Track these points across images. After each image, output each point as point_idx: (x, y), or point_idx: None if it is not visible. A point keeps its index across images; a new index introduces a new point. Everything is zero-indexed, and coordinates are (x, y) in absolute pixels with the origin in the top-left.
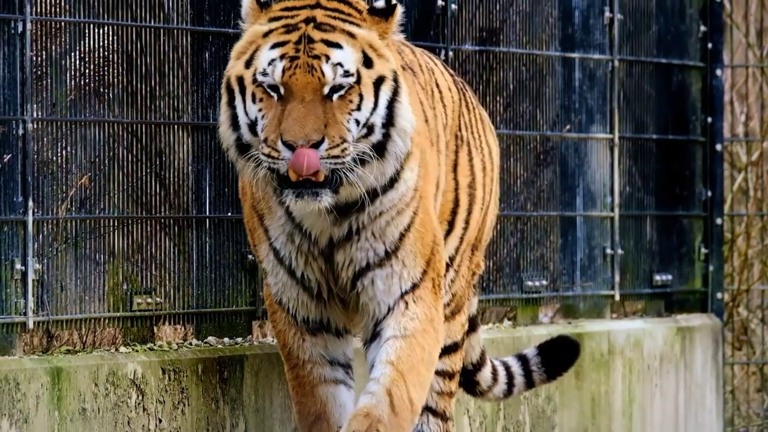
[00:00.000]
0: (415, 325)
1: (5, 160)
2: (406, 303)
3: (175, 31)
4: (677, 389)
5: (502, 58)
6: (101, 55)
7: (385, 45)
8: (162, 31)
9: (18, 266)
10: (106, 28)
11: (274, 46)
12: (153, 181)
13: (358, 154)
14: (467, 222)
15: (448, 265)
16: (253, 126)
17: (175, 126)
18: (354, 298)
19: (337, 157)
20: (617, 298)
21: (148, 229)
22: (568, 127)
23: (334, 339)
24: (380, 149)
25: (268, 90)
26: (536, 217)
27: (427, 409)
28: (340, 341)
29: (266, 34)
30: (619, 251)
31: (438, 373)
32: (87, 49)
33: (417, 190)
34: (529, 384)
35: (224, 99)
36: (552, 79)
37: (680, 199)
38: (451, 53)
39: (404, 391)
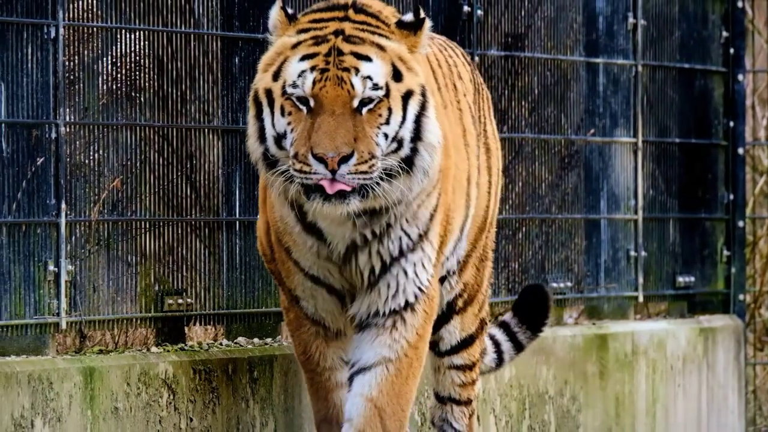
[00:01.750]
0: (407, 343)
1: (38, 163)
2: (414, 310)
3: (206, 36)
4: (700, 389)
5: (527, 63)
6: (133, 59)
7: (415, 58)
8: (192, 36)
9: (51, 267)
10: (137, 34)
11: (304, 57)
12: (184, 184)
13: (385, 170)
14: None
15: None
16: (279, 139)
17: (206, 130)
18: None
19: (365, 172)
20: (641, 299)
21: (179, 231)
22: (592, 131)
23: (347, 340)
24: (408, 163)
25: (297, 103)
26: (561, 219)
27: (450, 400)
28: (350, 341)
29: (295, 46)
30: (643, 253)
31: (457, 367)
32: (119, 53)
33: (441, 171)
34: (518, 346)
35: (252, 112)
36: (576, 83)
37: (703, 202)
38: (477, 58)
39: (379, 429)
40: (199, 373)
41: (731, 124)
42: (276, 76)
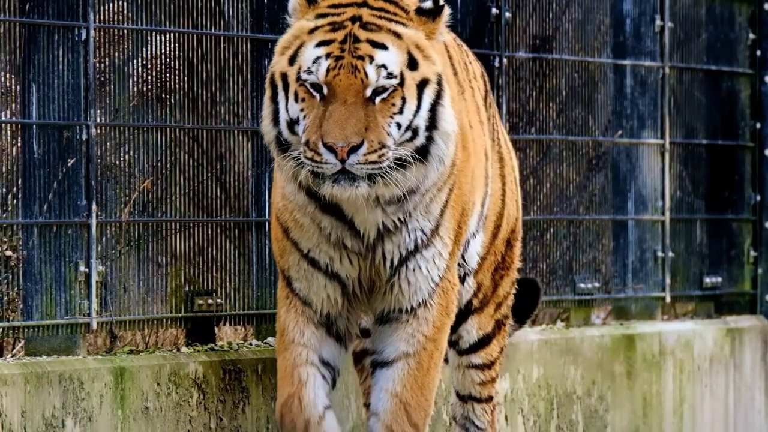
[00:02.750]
0: (424, 337)
1: (69, 164)
2: (430, 305)
3: (235, 38)
4: (727, 389)
5: (555, 65)
6: (163, 61)
7: (432, 46)
8: (222, 38)
9: (82, 268)
10: (167, 35)
11: (320, 44)
12: (214, 185)
13: (398, 159)
14: (486, 211)
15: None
16: (292, 124)
17: (236, 131)
18: (383, 289)
19: (374, 162)
20: (668, 300)
21: (209, 232)
22: (619, 132)
23: (333, 343)
24: (423, 152)
25: (311, 89)
26: (588, 220)
27: (471, 399)
28: (338, 347)
29: (312, 31)
30: (670, 254)
31: (476, 366)
32: (149, 55)
33: (454, 166)
34: None
35: (267, 94)
36: (604, 85)
37: (729, 203)
38: (505, 60)
39: (406, 423)
40: (229, 373)
41: (758, 125)
42: (292, 61)
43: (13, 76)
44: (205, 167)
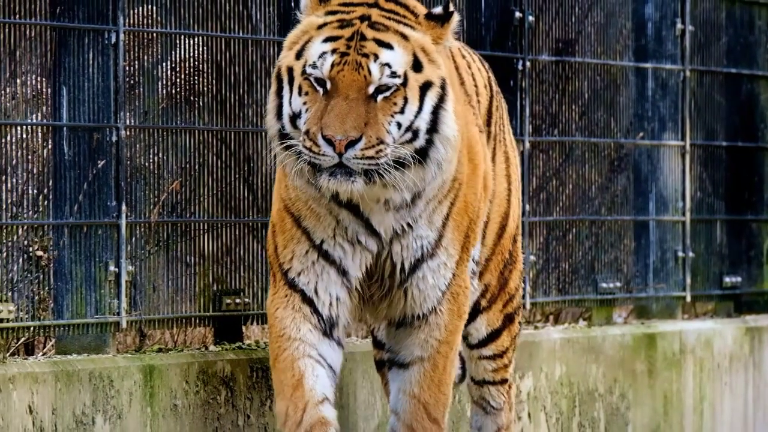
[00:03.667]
0: (437, 341)
1: (99, 165)
2: (440, 311)
3: (263, 41)
4: (746, 387)
5: (578, 68)
6: (191, 64)
7: (438, 50)
8: (250, 41)
9: (112, 268)
10: (196, 39)
11: (327, 39)
12: (241, 186)
13: (398, 159)
14: (487, 217)
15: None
16: (294, 118)
17: (263, 133)
18: (395, 294)
19: (372, 158)
20: (688, 299)
21: (237, 233)
22: (641, 134)
23: (331, 344)
24: (422, 155)
25: (315, 83)
26: (610, 221)
27: (485, 383)
28: (336, 351)
29: (320, 27)
30: (690, 254)
31: (487, 357)
32: (178, 59)
33: (455, 181)
34: None
35: (273, 88)
36: (625, 88)
37: (749, 204)
38: (528, 63)
39: (425, 420)
40: (256, 371)
41: None
42: (299, 55)
43: (44, 79)
44: (232, 168)
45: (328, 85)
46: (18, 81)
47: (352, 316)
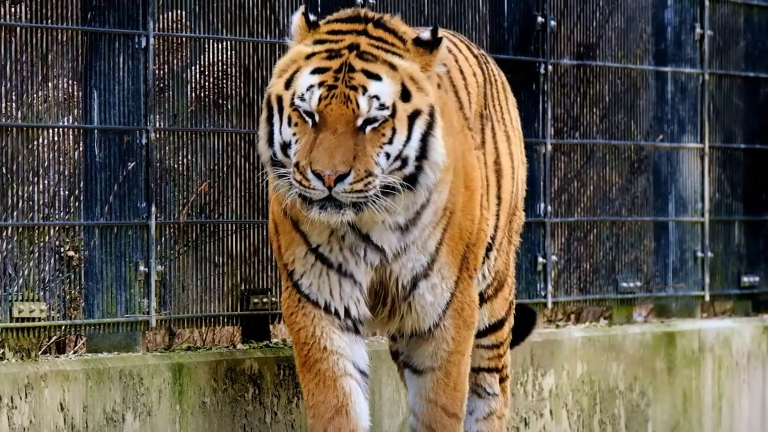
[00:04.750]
0: (447, 352)
1: (129, 167)
2: (444, 326)
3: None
4: (764, 385)
5: (599, 72)
6: (220, 68)
7: (427, 77)
8: (278, 45)
9: (141, 268)
10: (224, 43)
11: (315, 71)
12: (268, 188)
13: (386, 186)
14: (499, 198)
15: (490, 245)
16: (285, 147)
17: None
18: (399, 308)
19: (360, 191)
20: (707, 298)
21: (264, 233)
22: (661, 137)
23: (358, 340)
24: (412, 181)
25: (304, 115)
26: (630, 221)
27: (481, 370)
28: (362, 346)
29: (309, 56)
30: (709, 254)
31: (486, 347)
32: (207, 62)
33: (446, 210)
34: None
35: (264, 115)
36: (646, 91)
37: (766, 205)
38: (550, 67)
39: (445, 418)
40: (284, 369)
41: None
42: (288, 85)
43: (75, 82)
44: (260, 170)
45: (317, 118)
46: (50, 84)
47: (367, 320)
